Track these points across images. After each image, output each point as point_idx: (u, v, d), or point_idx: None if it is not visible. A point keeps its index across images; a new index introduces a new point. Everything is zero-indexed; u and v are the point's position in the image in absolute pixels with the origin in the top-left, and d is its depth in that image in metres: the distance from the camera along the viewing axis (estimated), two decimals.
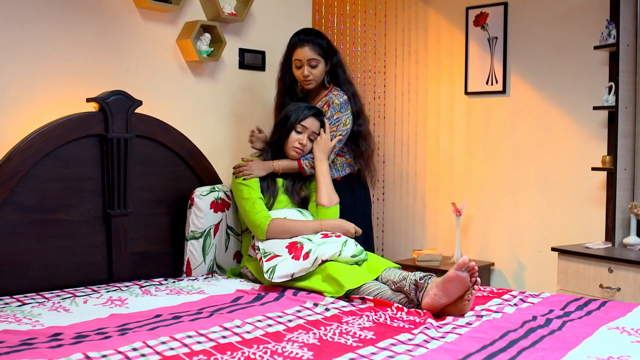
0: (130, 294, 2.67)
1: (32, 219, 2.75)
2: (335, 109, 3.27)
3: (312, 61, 3.26)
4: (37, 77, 2.89)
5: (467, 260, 2.33)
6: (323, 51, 3.28)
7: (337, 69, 3.36)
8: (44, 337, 2.07)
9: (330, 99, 3.30)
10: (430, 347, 2.02)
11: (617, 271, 3.44)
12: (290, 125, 3.12)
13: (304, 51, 3.27)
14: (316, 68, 3.28)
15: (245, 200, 2.99)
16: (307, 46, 3.27)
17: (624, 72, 3.69)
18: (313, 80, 3.30)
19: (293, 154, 3.14)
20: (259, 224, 2.94)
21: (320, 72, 3.30)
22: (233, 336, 2.10)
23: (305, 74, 3.28)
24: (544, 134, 4.23)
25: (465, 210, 4.51)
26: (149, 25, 3.25)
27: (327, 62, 3.32)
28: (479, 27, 4.49)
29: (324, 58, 3.29)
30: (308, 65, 3.27)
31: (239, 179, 3.04)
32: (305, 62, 3.27)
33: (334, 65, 3.35)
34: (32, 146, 2.73)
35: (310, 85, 3.32)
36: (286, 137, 3.12)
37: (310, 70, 3.27)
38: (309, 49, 3.26)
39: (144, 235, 3.10)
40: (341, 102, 3.28)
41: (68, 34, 2.98)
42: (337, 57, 3.36)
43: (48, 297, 2.63)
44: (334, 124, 3.25)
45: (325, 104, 3.31)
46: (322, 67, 3.30)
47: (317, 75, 3.29)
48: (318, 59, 3.27)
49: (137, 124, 3.03)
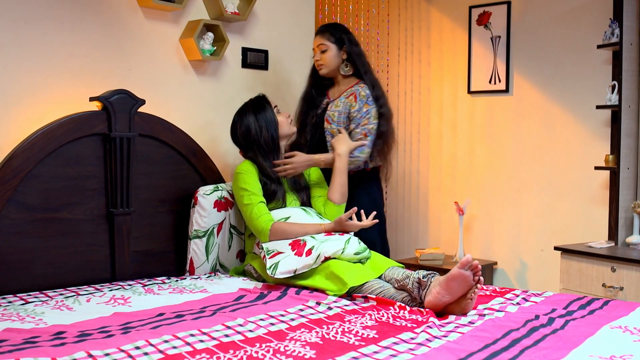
0: (133, 293, 2.67)
1: (35, 217, 2.75)
2: (363, 100, 3.32)
3: (321, 46, 3.40)
4: (40, 76, 2.89)
5: (470, 259, 2.33)
6: (334, 37, 3.40)
7: (354, 60, 3.41)
8: (47, 335, 2.08)
9: (356, 90, 3.36)
10: (433, 346, 2.02)
11: (620, 270, 3.43)
12: (275, 118, 3.13)
13: (315, 40, 3.47)
14: (325, 53, 3.39)
15: (247, 206, 3.00)
16: (319, 34, 3.45)
17: (627, 71, 3.68)
18: (323, 65, 3.41)
19: (294, 128, 3.24)
20: (261, 229, 2.95)
21: (330, 57, 3.39)
22: (235, 335, 2.11)
23: (317, 58, 3.43)
24: (547, 133, 4.22)
25: (468, 209, 4.51)
26: (152, 24, 3.26)
27: (340, 49, 3.39)
28: (482, 26, 4.49)
29: (335, 44, 3.38)
30: (318, 51, 3.40)
31: (240, 184, 3.03)
32: (316, 48, 3.43)
33: (349, 56, 3.40)
34: (35, 145, 2.74)
35: (322, 70, 3.43)
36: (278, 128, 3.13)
37: (320, 55, 3.40)
38: (320, 36, 3.43)
39: (146, 234, 3.10)
40: (367, 93, 3.33)
41: (71, 33, 2.98)
42: (351, 47, 3.41)
43: (51, 296, 2.64)
44: (364, 117, 3.30)
45: (352, 96, 3.35)
46: (332, 53, 3.39)
47: (327, 60, 3.40)
48: (327, 44, 3.39)
49: (140, 123, 3.03)
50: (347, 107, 3.34)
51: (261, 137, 3.10)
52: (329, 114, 3.38)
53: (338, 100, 3.39)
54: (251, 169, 3.07)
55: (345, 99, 3.36)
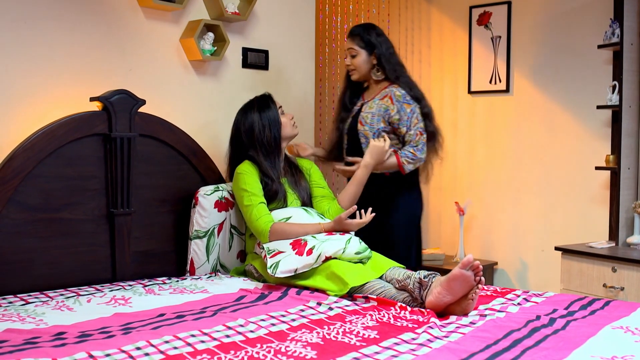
0: (133, 293, 2.67)
1: (36, 218, 2.75)
2: (400, 101, 3.27)
3: (351, 51, 3.37)
4: (40, 77, 2.89)
5: (471, 259, 2.33)
6: (364, 42, 3.34)
7: (384, 65, 3.34)
8: (48, 336, 2.07)
9: (390, 91, 3.31)
10: (434, 347, 2.01)
11: (620, 270, 3.43)
12: (279, 118, 3.13)
13: (346, 42, 3.42)
14: (355, 58, 3.36)
15: (247, 207, 2.99)
16: (348, 37, 3.40)
17: (628, 71, 3.68)
18: (354, 70, 3.39)
19: (296, 130, 3.22)
20: (261, 231, 2.95)
21: (360, 62, 3.36)
22: (236, 335, 2.10)
23: (347, 63, 3.40)
24: (547, 133, 4.22)
25: (469, 210, 4.51)
26: (153, 24, 3.25)
27: (370, 54, 3.35)
28: (483, 26, 4.49)
29: (365, 49, 3.34)
30: (349, 55, 3.38)
31: (240, 184, 3.03)
32: (347, 52, 3.40)
33: (379, 60, 3.35)
34: (36, 145, 2.73)
35: (353, 76, 3.41)
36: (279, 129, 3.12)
37: (351, 60, 3.37)
38: (349, 40, 3.38)
39: (147, 234, 3.10)
40: (402, 93, 3.28)
41: (71, 33, 2.98)
42: (382, 51, 3.34)
43: (52, 296, 2.63)
44: (411, 117, 3.26)
45: (386, 97, 3.30)
46: (362, 58, 3.35)
47: (357, 65, 3.36)
48: (356, 49, 3.35)
49: (141, 123, 3.03)
50: (381, 109, 3.28)
51: (264, 136, 3.10)
52: (362, 116, 3.33)
53: (372, 102, 3.34)
54: (251, 169, 3.06)
55: (380, 100, 3.31)
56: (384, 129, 3.28)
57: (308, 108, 3.92)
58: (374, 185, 3.27)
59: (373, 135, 3.29)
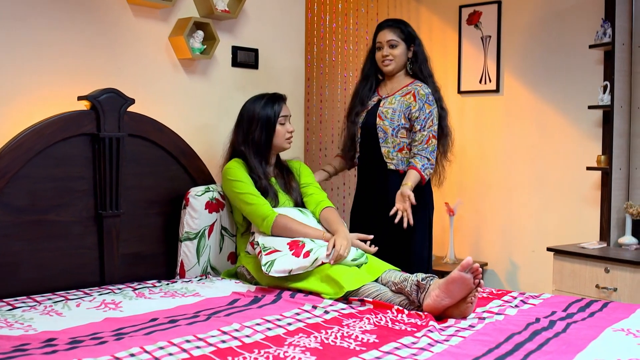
0: (124, 297, 2.61)
1: (23, 219, 2.68)
2: (423, 100, 3.25)
3: (391, 41, 3.32)
4: (27, 75, 2.82)
5: (471, 261, 2.29)
6: (404, 34, 3.32)
7: (419, 57, 3.35)
8: (38, 342, 2.01)
9: (414, 89, 3.28)
10: (435, 351, 1.98)
11: (613, 271, 3.42)
12: (274, 122, 3.06)
13: (384, 33, 3.34)
14: (395, 48, 3.32)
15: (244, 194, 2.93)
16: (387, 28, 3.35)
17: (620, 71, 3.68)
18: (392, 61, 3.33)
19: (289, 145, 3.13)
20: (266, 216, 2.88)
21: (400, 54, 3.32)
22: (232, 340, 2.05)
23: (385, 53, 3.32)
24: (538, 134, 4.21)
25: (459, 210, 4.48)
26: (141, 21, 3.19)
27: (408, 47, 3.33)
28: (472, 26, 4.47)
29: (404, 42, 3.32)
30: (387, 46, 3.32)
31: (229, 176, 2.99)
32: (384, 43, 3.33)
33: (416, 53, 3.34)
34: (23, 145, 2.66)
35: (390, 67, 3.34)
36: (273, 134, 3.06)
37: (390, 51, 3.32)
38: (389, 31, 3.33)
39: (136, 236, 3.03)
40: (427, 92, 3.26)
41: (59, 31, 2.91)
42: (419, 46, 3.36)
43: (39, 301, 2.56)
44: (429, 118, 3.24)
45: (409, 94, 3.27)
46: (401, 49, 3.32)
47: (397, 56, 3.32)
48: (397, 40, 3.31)
49: (130, 123, 2.96)
50: (403, 106, 3.25)
51: (255, 132, 3.05)
52: (382, 111, 3.29)
53: (392, 97, 3.30)
54: (239, 165, 3.03)
55: (402, 97, 3.28)
56: (404, 125, 3.26)
57: (298, 108, 3.87)
58: (384, 183, 3.27)
59: (392, 131, 3.25)
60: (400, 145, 3.28)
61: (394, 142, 3.27)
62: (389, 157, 3.29)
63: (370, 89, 3.42)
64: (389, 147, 3.28)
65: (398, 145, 3.28)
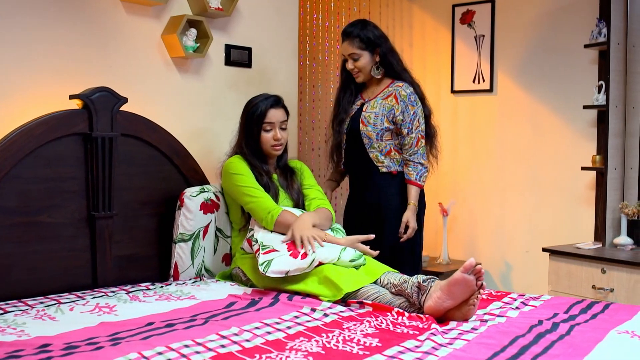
0: (117, 300, 2.55)
1: (13, 221, 2.61)
2: (405, 101, 3.19)
3: (353, 55, 3.23)
4: (18, 74, 2.75)
5: (474, 263, 2.26)
6: (364, 43, 3.21)
7: (388, 58, 3.26)
8: (31, 348, 1.94)
9: (395, 90, 3.22)
10: (440, 355, 1.94)
11: (609, 272, 3.40)
12: (258, 128, 3.00)
13: (344, 47, 3.26)
14: (359, 61, 3.23)
15: (247, 187, 2.90)
16: (346, 41, 3.25)
17: (615, 70, 3.66)
18: (360, 73, 3.26)
19: (275, 152, 3.05)
20: (271, 209, 2.84)
21: (365, 64, 3.23)
22: (232, 345, 2.00)
23: (349, 67, 3.26)
24: (532, 133, 4.19)
25: (452, 211, 4.46)
26: (134, 19, 3.13)
27: (372, 53, 3.24)
28: (466, 25, 4.44)
29: (366, 50, 3.22)
30: (351, 59, 3.24)
31: (231, 170, 2.95)
32: (347, 56, 3.26)
33: (384, 54, 3.25)
34: (13, 145, 2.60)
35: (359, 78, 3.29)
36: (258, 138, 3.02)
37: (354, 64, 3.24)
38: (348, 44, 3.23)
39: (129, 238, 2.97)
40: (408, 92, 3.20)
41: (50, 29, 2.85)
42: (385, 46, 3.26)
43: (31, 305, 2.50)
44: (414, 120, 3.20)
45: (390, 96, 3.22)
46: (366, 59, 3.23)
47: (362, 67, 3.24)
48: (358, 52, 3.22)
49: (122, 122, 2.91)
50: (385, 109, 3.20)
51: (248, 126, 3.02)
52: (365, 116, 3.24)
53: (374, 101, 3.25)
54: (241, 160, 3.00)
55: (383, 100, 3.22)
56: (388, 128, 3.21)
57: (291, 108, 3.81)
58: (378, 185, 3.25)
59: (376, 136, 3.21)
60: (387, 148, 3.24)
61: (380, 146, 3.23)
62: (379, 161, 3.24)
63: (351, 93, 3.36)
64: (376, 151, 3.24)
65: (385, 149, 3.24)
